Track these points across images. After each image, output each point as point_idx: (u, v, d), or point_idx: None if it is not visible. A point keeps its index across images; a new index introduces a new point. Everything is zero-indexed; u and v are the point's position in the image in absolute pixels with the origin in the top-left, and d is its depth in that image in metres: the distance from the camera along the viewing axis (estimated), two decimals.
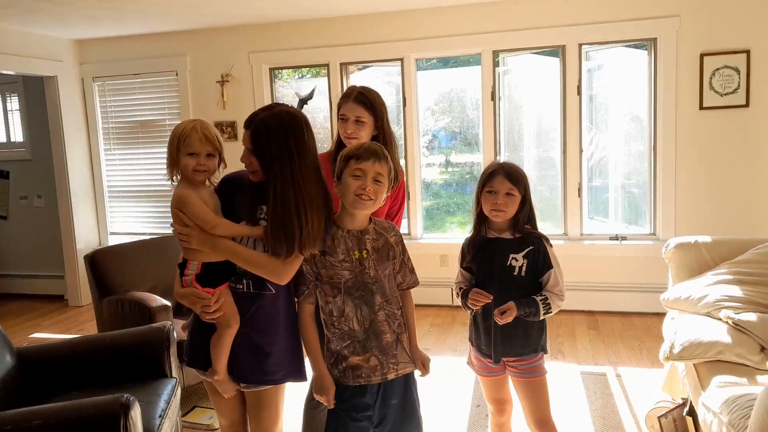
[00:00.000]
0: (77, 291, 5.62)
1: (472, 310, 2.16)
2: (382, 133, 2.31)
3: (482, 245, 2.16)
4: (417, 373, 1.99)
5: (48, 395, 2.45)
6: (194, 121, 1.83)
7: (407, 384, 1.97)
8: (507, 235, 2.14)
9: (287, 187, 1.74)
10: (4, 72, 5.05)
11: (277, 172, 1.74)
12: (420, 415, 2.00)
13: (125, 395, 1.95)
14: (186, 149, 1.78)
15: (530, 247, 2.10)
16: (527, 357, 2.14)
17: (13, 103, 6.01)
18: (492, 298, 2.05)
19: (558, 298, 2.08)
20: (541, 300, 2.06)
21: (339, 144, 2.33)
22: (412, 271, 2.01)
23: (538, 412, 2.16)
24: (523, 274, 2.10)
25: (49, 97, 5.44)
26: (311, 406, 2.31)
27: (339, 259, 1.86)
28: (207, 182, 1.88)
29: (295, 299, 1.94)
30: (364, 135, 2.26)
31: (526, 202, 2.12)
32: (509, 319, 2.02)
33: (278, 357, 1.89)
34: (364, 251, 1.88)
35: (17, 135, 6.03)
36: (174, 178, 1.84)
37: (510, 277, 2.09)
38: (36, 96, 5.73)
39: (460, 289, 2.20)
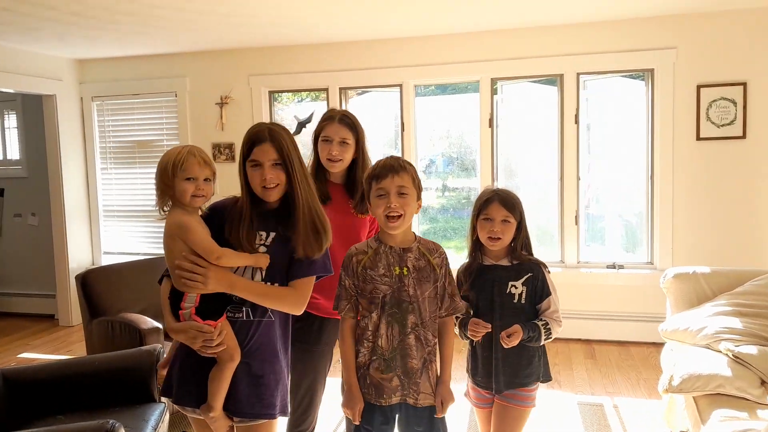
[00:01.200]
0: (68, 311, 5.54)
1: (472, 340, 2.12)
2: (362, 156, 2.31)
3: (479, 273, 2.13)
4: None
5: (33, 418, 2.39)
6: (187, 146, 1.79)
7: (432, 417, 1.92)
8: (504, 262, 2.11)
9: (308, 191, 1.80)
10: (3, 90, 5.04)
11: (299, 175, 1.78)
12: None
13: (110, 421, 1.90)
14: (183, 174, 1.73)
15: (529, 274, 2.08)
16: (529, 386, 2.09)
17: (11, 120, 6.01)
18: (491, 327, 2.01)
19: (557, 323, 2.06)
20: (542, 325, 2.03)
21: (318, 167, 2.31)
22: (453, 296, 1.97)
23: None
24: (522, 301, 2.07)
25: (47, 116, 5.44)
26: None
27: (380, 273, 1.88)
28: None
29: (338, 314, 1.95)
30: (348, 157, 2.26)
31: (521, 228, 2.10)
32: (515, 342, 1.98)
33: (277, 388, 1.84)
34: (405, 268, 1.88)
35: (14, 152, 6.02)
36: (164, 208, 1.79)
37: (510, 305, 2.06)
38: (34, 114, 5.73)
39: (457, 318, 2.16)
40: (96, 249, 5.81)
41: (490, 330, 2.01)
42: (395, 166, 1.86)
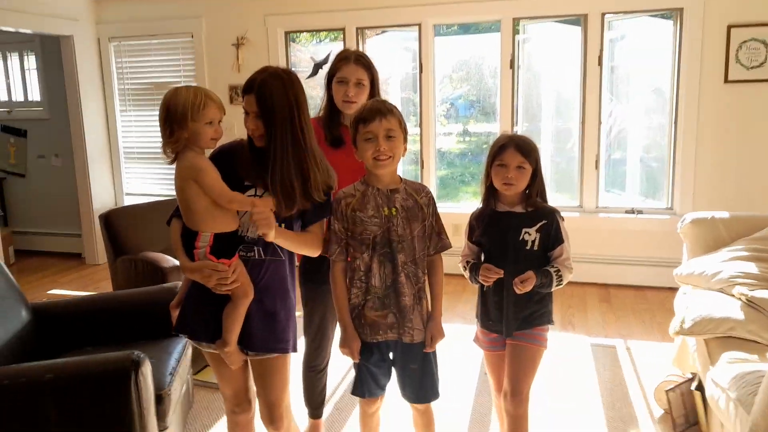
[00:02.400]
0: (94, 250, 5.70)
1: (482, 285, 2.14)
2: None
3: (492, 219, 2.12)
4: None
5: (62, 350, 2.50)
6: (198, 88, 1.78)
7: (425, 352, 1.99)
8: (519, 209, 2.09)
9: (287, 144, 1.76)
10: (21, 30, 5.03)
11: (280, 131, 1.75)
12: (437, 384, 2.03)
13: (136, 352, 1.98)
14: (204, 118, 1.74)
15: (543, 221, 2.07)
16: (541, 325, 2.12)
17: (31, 62, 6.02)
18: (503, 273, 2.03)
19: (568, 271, 2.06)
20: (554, 272, 2.04)
21: (331, 109, 2.29)
22: (440, 233, 2.01)
23: (516, 379, 2.09)
24: (535, 248, 2.06)
25: (65, 57, 5.43)
26: (308, 368, 2.41)
27: (369, 215, 1.91)
28: None
29: (328, 257, 1.97)
30: (364, 99, 2.23)
31: (537, 175, 2.08)
32: (528, 288, 1.99)
33: (288, 323, 1.90)
34: (393, 209, 1.91)
35: (35, 94, 6.06)
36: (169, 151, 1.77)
37: (522, 251, 2.06)
38: (53, 55, 5.73)
39: (468, 262, 2.17)
40: (119, 190, 5.91)
41: (501, 276, 2.02)
42: (382, 110, 1.86)
